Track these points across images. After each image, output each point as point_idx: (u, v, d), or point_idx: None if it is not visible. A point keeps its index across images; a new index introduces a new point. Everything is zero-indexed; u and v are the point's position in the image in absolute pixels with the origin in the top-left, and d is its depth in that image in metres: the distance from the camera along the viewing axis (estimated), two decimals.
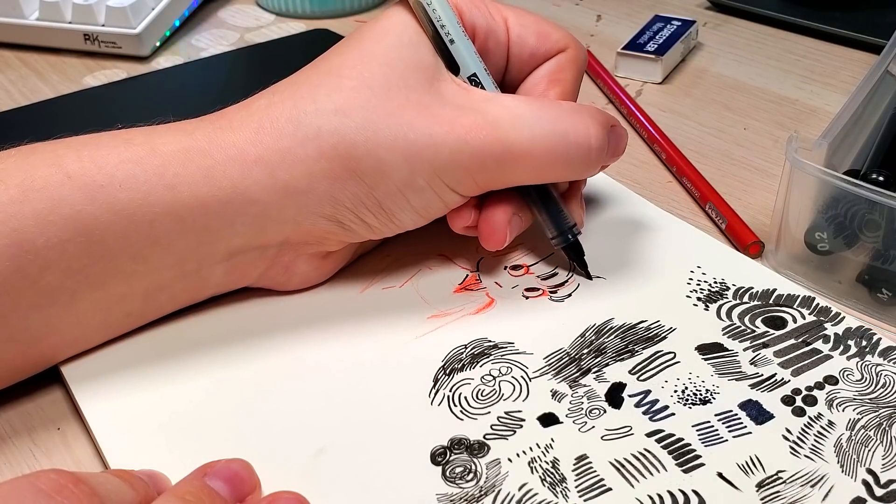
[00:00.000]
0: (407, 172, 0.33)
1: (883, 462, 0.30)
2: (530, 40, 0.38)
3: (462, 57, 0.36)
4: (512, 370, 0.34)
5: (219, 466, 0.29)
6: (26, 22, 0.63)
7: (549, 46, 0.38)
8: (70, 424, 0.34)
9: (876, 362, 0.34)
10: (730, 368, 0.34)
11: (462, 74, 0.36)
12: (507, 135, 0.34)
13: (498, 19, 0.38)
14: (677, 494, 0.29)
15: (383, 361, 0.35)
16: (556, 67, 0.38)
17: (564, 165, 0.35)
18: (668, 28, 0.60)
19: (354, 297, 0.38)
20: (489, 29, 0.37)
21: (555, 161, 0.35)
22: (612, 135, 0.36)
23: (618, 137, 0.37)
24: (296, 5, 0.68)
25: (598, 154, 0.35)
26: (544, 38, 0.38)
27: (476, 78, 0.36)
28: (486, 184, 0.35)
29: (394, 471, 0.30)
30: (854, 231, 0.37)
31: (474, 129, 0.33)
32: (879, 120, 0.40)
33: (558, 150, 0.34)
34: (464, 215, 0.37)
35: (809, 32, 0.63)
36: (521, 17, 0.38)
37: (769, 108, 0.54)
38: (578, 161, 0.35)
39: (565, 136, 0.34)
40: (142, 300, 0.34)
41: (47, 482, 0.24)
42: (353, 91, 0.33)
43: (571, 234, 0.38)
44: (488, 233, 0.37)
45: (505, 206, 0.37)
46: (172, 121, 0.35)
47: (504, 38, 0.38)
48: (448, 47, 0.35)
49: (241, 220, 0.34)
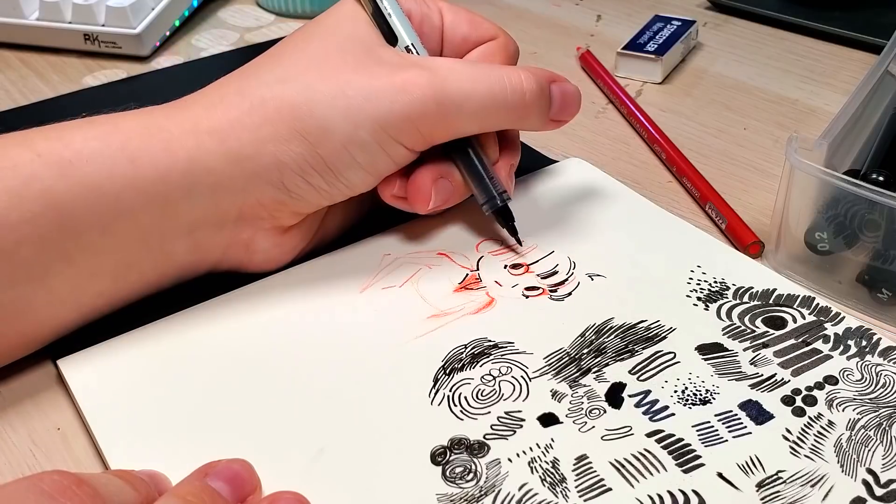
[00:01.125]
0: (349, 127, 0.35)
1: (883, 462, 0.30)
2: (462, 27, 0.41)
3: (398, 29, 0.38)
4: (512, 370, 0.34)
5: (220, 467, 0.29)
6: (26, 22, 0.63)
7: (480, 33, 0.41)
8: (70, 424, 0.34)
9: (876, 362, 0.34)
10: (730, 368, 0.34)
11: (399, 45, 0.38)
12: (446, 79, 0.36)
13: (433, 7, 0.41)
14: (677, 494, 0.29)
15: (383, 361, 0.35)
16: (485, 52, 0.41)
17: (502, 110, 0.37)
18: (668, 28, 0.60)
19: (354, 297, 0.38)
20: (423, 14, 0.40)
21: (493, 103, 0.36)
22: (556, 88, 0.39)
23: (563, 91, 0.39)
24: (296, 5, 0.68)
25: (531, 97, 0.37)
26: (475, 26, 0.41)
27: (412, 48, 0.38)
28: (430, 133, 0.36)
29: (394, 471, 0.30)
30: (854, 231, 0.37)
31: (413, 78, 0.35)
32: (879, 120, 0.40)
33: (495, 91, 0.36)
34: (392, 183, 0.38)
35: (809, 32, 0.63)
36: (453, 9, 0.41)
37: (769, 108, 0.54)
38: (514, 105, 0.37)
39: (500, 79, 0.37)
40: (112, 278, 0.35)
41: (50, 483, 0.24)
42: (293, 61, 0.36)
43: (501, 198, 0.39)
44: (413, 193, 0.38)
45: (431, 167, 0.38)
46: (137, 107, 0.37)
47: (438, 24, 0.41)
48: (387, 20, 0.38)
49: (198, 191, 0.35)
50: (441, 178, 0.38)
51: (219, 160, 0.35)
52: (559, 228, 0.42)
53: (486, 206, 0.39)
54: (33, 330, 0.35)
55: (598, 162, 0.48)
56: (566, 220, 0.43)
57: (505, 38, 0.41)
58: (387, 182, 0.38)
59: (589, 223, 0.42)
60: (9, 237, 0.32)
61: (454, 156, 0.39)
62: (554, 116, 0.39)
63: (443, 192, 0.38)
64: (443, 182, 0.38)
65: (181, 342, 0.36)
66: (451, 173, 0.39)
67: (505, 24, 0.41)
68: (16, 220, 0.32)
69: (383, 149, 0.36)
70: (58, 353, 0.35)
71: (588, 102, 0.56)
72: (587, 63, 0.59)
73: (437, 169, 0.38)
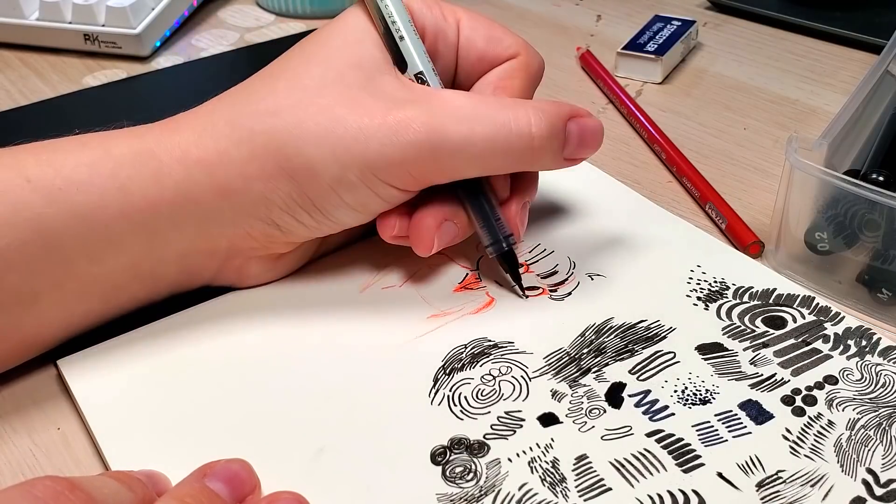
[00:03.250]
0: (337, 169, 0.33)
1: (883, 462, 0.30)
2: (479, 44, 0.38)
3: (410, 54, 0.35)
4: (512, 370, 0.34)
5: (218, 467, 0.29)
6: (26, 22, 0.63)
7: (498, 51, 0.38)
8: (70, 424, 0.34)
9: (876, 362, 0.34)
10: (730, 368, 0.34)
11: (409, 72, 0.36)
12: (444, 125, 0.33)
13: (450, 21, 0.38)
14: (677, 494, 0.29)
15: (383, 361, 0.35)
16: (504, 73, 0.38)
17: (506, 155, 0.34)
18: (668, 28, 0.60)
19: (354, 297, 0.38)
20: (439, 30, 0.37)
21: (496, 151, 0.34)
22: (574, 125, 0.36)
23: (582, 127, 0.36)
24: (296, 5, 0.68)
25: (540, 142, 0.34)
26: (494, 43, 0.38)
27: (423, 76, 0.36)
28: (424, 177, 0.34)
29: (394, 471, 0.30)
30: (854, 231, 0.37)
31: (408, 120, 0.33)
32: (879, 120, 0.40)
33: (498, 138, 0.34)
34: (390, 224, 0.36)
35: (809, 32, 0.63)
36: (473, 20, 0.38)
37: (769, 108, 0.54)
38: (520, 150, 0.34)
39: (506, 124, 0.34)
40: (100, 300, 0.35)
41: (43, 489, 0.24)
42: (286, 92, 0.34)
43: (507, 242, 0.37)
44: (415, 236, 0.36)
45: (435, 211, 0.36)
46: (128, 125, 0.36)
47: (454, 41, 0.38)
48: (398, 44, 0.35)
49: (186, 222, 0.34)
50: (446, 222, 0.36)
51: (206, 192, 0.34)
52: (559, 228, 0.42)
53: (491, 248, 0.37)
54: (20, 348, 0.34)
55: (598, 162, 0.48)
56: (566, 220, 0.43)
57: (526, 58, 0.38)
58: (386, 222, 0.36)
59: (589, 223, 0.42)
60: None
61: (460, 194, 0.36)
62: (569, 155, 0.36)
63: (447, 235, 0.36)
64: (447, 225, 0.36)
65: (181, 343, 0.36)
66: (456, 215, 0.36)
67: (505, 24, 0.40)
68: (4, 248, 0.31)
69: (372, 190, 0.34)
70: (58, 353, 0.35)
71: (588, 102, 0.56)
72: (587, 63, 0.59)
73: (442, 211, 0.36)
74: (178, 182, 0.33)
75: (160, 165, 0.33)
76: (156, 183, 0.33)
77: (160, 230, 0.34)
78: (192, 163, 0.34)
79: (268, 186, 0.34)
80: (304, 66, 0.35)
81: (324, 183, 0.34)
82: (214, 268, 0.37)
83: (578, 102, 0.55)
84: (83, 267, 0.33)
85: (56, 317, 0.34)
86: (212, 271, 0.37)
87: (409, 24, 0.36)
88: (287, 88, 0.34)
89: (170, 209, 0.34)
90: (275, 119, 0.34)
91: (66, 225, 0.32)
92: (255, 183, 0.34)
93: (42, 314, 0.34)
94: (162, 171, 0.33)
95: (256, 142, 0.34)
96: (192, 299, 0.38)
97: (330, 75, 0.34)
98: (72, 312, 0.35)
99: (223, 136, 0.34)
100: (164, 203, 0.33)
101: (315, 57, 0.35)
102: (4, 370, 0.35)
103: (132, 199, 0.33)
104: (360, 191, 0.34)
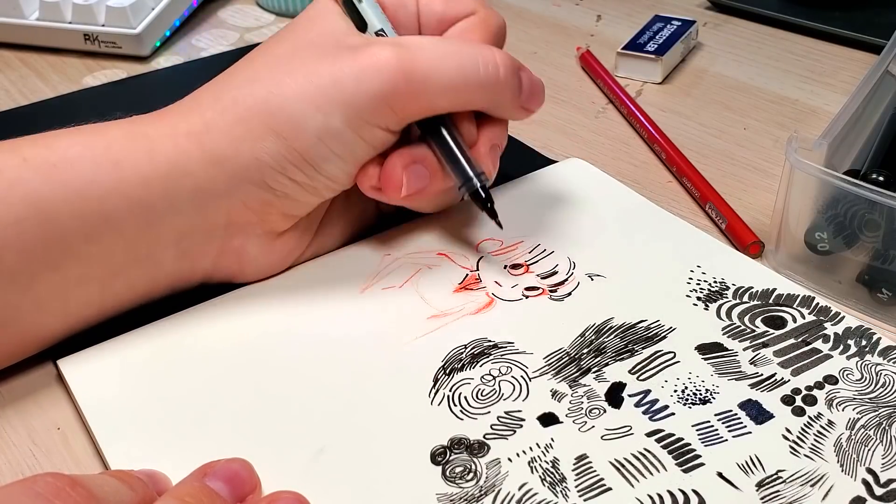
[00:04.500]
0: (320, 116, 0.34)
1: (883, 461, 0.30)
2: (437, 7, 0.39)
3: (368, 14, 0.37)
4: (512, 370, 0.34)
5: (218, 467, 0.29)
6: (26, 22, 0.63)
7: (457, 10, 0.39)
8: (70, 424, 0.34)
9: (876, 362, 0.34)
10: (729, 368, 0.34)
11: (369, 31, 0.37)
12: (413, 54, 0.35)
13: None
14: (677, 494, 0.29)
15: (383, 361, 0.35)
16: (461, 29, 0.39)
17: (477, 87, 0.36)
18: (668, 28, 0.60)
19: (354, 297, 0.38)
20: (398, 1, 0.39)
21: (465, 79, 0.36)
22: (523, 75, 0.38)
23: (531, 79, 0.38)
24: (296, 5, 0.68)
25: (505, 75, 0.36)
26: (452, 4, 0.39)
27: (383, 32, 0.37)
28: (403, 109, 0.35)
29: (394, 471, 0.30)
30: (854, 231, 0.37)
31: (377, 53, 0.35)
32: (879, 120, 0.40)
33: (466, 65, 0.36)
34: (370, 173, 0.37)
35: (809, 32, 0.63)
36: None
37: (769, 108, 0.54)
38: (488, 81, 0.36)
39: (472, 55, 0.36)
40: (99, 287, 0.35)
41: (44, 486, 0.24)
42: (262, 62, 0.37)
43: (479, 180, 0.37)
44: (385, 180, 0.37)
45: (402, 152, 0.37)
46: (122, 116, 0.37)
47: (413, 9, 0.39)
48: (356, 7, 0.37)
49: (180, 196, 0.35)
50: (414, 164, 0.37)
51: (198, 163, 0.34)
52: (559, 228, 0.42)
53: (463, 188, 0.37)
54: (19, 340, 0.34)
55: (598, 162, 0.48)
56: (566, 221, 0.43)
57: (485, 13, 0.39)
58: (364, 172, 0.37)
59: (589, 223, 0.42)
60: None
61: (427, 137, 0.37)
62: (523, 103, 0.38)
63: (416, 177, 0.37)
64: (416, 167, 0.37)
65: (181, 342, 0.36)
66: (424, 157, 0.37)
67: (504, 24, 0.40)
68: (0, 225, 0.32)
69: (358, 134, 0.35)
70: (58, 352, 0.35)
71: (588, 102, 0.56)
72: (587, 63, 0.59)
73: (409, 153, 0.37)
74: (168, 156, 0.34)
75: (151, 143, 0.34)
76: (148, 159, 0.34)
77: (155, 208, 0.34)
78: (181, 135, 0.35)
79: (256, 147, 0.35)
80: (276, 42, 0.37)
81: (310, 134, 0.35)
82: (213, 253, 0.37)
83: (578, 102, 0.56)
84: (79, 245, 0.33)
85: (54, 304, 0.34)
86: (211, 257, 0.37)
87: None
88: (263, 60, 0.37)
89: (163, 183, 0.34)
90: (254, 84, 0.35)
91: (61, 201, 0.33)
92: (244, 144, 0.35)
93: (39, 300, 0.34)
94: (154, 149, 0.34)
95: (240, 105, 0.35)
96: (193, 300, 0.38)
97: (301, 43, 0.36)
98: (70, 300, 0.35)
99: (208, 107, 0.35)
100: (157, 178, 0.34)
101: (285, 34, 0.38)
102: (4, 366, 0.35)
103: (125, 174, 0.34)
104: (345, 136, 0.35)
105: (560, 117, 0.54)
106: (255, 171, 0.35)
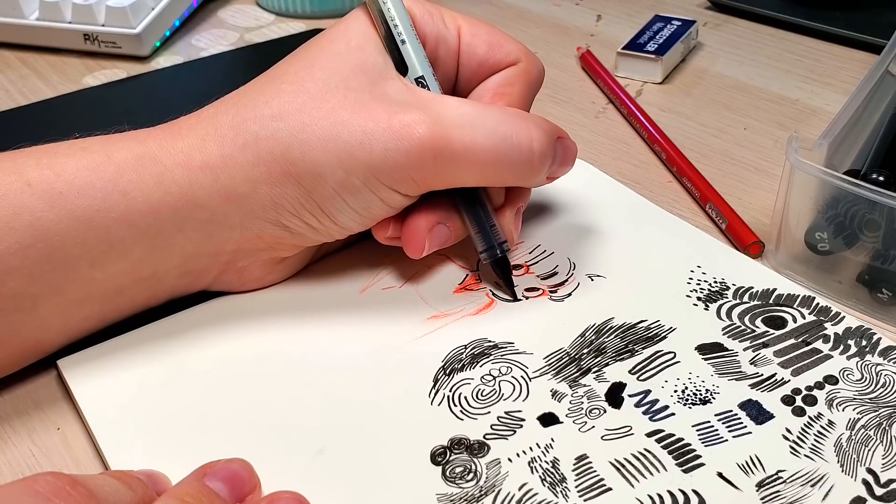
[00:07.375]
0: (342, 173, 0.33)
1: (883, 461, 0.30)
2: (480, 50, 0.37)
3: (411, 58, 0.35)
4: (512, 370, 0.34)
5: (218, 467, 0.29)
6: (26, 22, 0.63)
7: (499, 58, 0.38)
8: (70, 424, 0.34)
9: (876, 362, 0.34)
10: (730, 368, 0.34)
11: (410, 76, 0.35)
12: (448, 131, 0.33)
13: (451, 27, 0.37)
14: (677, 494, 0.29)
15: (383, 362, 0.35)
16: (504, 80, 0.37)
17: (507, 168, 0.35)
18: (669, 28, 0.60)
19: (354, 298, 0.38)
20: (440, 36, 0.37)
21: (497, 162, 0.34)
22: (559, 145, 0.36)
23: (565, 148, 0.37)
24: (296, 5, 0.68)
25: (540, 159, 0.35)
26: (495, 49, 0.37)
27: (423, 80, 0.36)
28: (426, 182, 0.34)
29: (394, 471, 0.30)
30: (854, 231, 0.37)
31: (412, 124, 0.33)
32: (879, 120, 0.40)
33: (500, 150, 0.34)
34: (384, 225, 0.36)
35: (809, 32, 0.63)
36: (474, 26, 0.38)
37: (769, 108, 0.54)
38: (521, 164, 0.35)
39: (507, 137, 0.34)
40: (100, 304, 0.35)
41: (45, 485, 0.24)
42: (291, 96, 0.34)
43: (500, 249, 0.37)
44: (407, 238, 0.36)
45: (428, 214, 0.36)
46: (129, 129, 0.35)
47: (455, 47, 0.38)
48: (399, 48, 0.35)
49: (191, 226, 0.34)
50: (438, 224, 0.36)
51: (212, 196, 0.34)
52: (559, 229, 0.42)
53: (485, 255, 0.37)
54: (19, 353, 0.34)
55: (598, 162, 0.48)
56: (566, 221, 0.43)
57: (526, 64, 0.38)
58: (381, 224, 0.36)
59: (589, 223, 0.42)
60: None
61: (456, 200, 0.37)
62: (551, 174, 0.37)
63: (439, 238, 0.36)
64: (440, 228, 0.36)
65: (181, 343, 0.36)
66: (448, 218, 0.37)
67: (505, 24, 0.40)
68: (4, 252, 0.31)
69: (376, 195, 0.34)
70: (58, 353, 0.35)
71: (588, 102, 0.56)
72: (587, 63, 0.59)
73: (435, 214, 0.36)
74: (181, 186, 0.33)
75: (163, 170, 0.33)
76: (159, 187, 0.33)
77: (163, 234, 0.34)
78: (196, 167, 0.33)
79: (275, 190, 0.34)
80: (308, 70, 0.35)
81: (329, 187, 0.34)
82: (217, 271, 0.37)
83: (578, 102, 0.56)
84: (84, 271, 0.33)
85: (55, 322, 0.34)
86: (213, 274, 0.37)
87: (410, 29, 0.36)
88: (291, 93, 0.34)
89: (173, 213, 0.33)
90: (279, 123, 0.33)
91: (67, 229, 0.32)
92: (262, 187, 0.34)
93: (41, 319, 0.33)
94: (165, 176, 0.33)
95: (261, 146, 0.33)
96: (193, 301, 0.38)
97: (333, 79, 0.34)
98: (71, 317, 0.34)
99: (227, 140, 0.34)
100: (167, 207, 0.33)
101: (318, 61, 0.35)
102: (3, 375, 0.35)
103: (134, 203, 0.33)
104: (363, 195, 0.34)
105: (560, 117, 0.54)
106: (273, 212, 0.34)
